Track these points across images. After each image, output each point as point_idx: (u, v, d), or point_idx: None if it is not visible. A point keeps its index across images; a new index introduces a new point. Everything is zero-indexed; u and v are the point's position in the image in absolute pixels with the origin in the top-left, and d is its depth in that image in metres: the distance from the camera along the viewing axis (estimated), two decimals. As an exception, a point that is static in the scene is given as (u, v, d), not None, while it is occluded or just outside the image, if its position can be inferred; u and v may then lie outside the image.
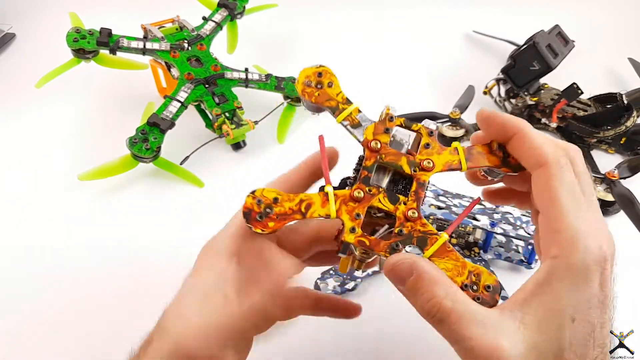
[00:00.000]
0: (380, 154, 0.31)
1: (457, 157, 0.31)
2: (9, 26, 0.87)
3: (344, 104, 0.32)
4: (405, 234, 0.29)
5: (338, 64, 0.84)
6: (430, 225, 0.29)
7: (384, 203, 0.30)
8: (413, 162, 0.31)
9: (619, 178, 0.57)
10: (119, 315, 0.47)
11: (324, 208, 0.29)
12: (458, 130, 0.67)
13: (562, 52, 0.68)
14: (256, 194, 0.29)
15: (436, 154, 0.31)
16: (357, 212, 0.29)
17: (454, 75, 0.81)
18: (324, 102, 0.32)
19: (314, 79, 0.32)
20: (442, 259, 0.28)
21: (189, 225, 0.57)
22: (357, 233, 0.29)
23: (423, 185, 0.30)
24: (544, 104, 0.69)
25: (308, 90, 0.32)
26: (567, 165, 0.27)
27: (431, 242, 0.29)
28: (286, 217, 0.29)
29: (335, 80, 0.32)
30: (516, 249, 0.53)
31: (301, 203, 0.30)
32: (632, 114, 0.63)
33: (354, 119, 0.32)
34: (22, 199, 0.60)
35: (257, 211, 0.29)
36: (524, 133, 0.29)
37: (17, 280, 0.51)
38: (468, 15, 0.95)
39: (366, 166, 0.31)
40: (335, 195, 0.30)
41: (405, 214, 0.29)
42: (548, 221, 0.27)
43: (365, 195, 0.30)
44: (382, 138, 0.31)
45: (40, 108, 0.73)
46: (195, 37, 0.69)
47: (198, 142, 0.64)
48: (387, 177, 0.31)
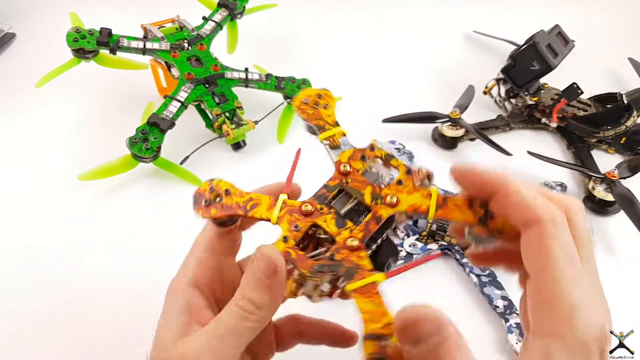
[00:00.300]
0: (347, 179, 0.30)
1: (428, 202, 0.28)
2: (9, 26, 0.88)
3: (330, 125, 0.32)
4: (336, 261, 0.27)
5: (338, 63, 0.85)
6: (367, 261, 0.27)
7: (328, 224, 0.29)
8: (377, 194, 0.29)
9: (619, 178, 0.57)
10: (119, 315, 0.47)
11: (267, 211, 0.29)
12: (458, 130, 0.67)
13: (562, 52, 0.68)
14: (213, 182, 0.30)
15: (406, 193, 0.29)
16: (297, 223, 0.29)
17: (454, 75, 0.81)
18: (312, 120, 0.32)
19: (313, 99, 0.32)
20: (364, 298, 0.26)
21: (189, 225, 0.57)
22: (289, 244, 0.28)
23: (378, 219, 0.28)
24: (544, 103, 0.69)
25: (303, 107, 0.32)
26: (563, 223, 0.23)
27: (359, 277, 0.27)
28: (229, 210, 0.29)
29: (332, 104, 0.32)
30: (516, 249, 0.53)
31: (249, 201, 0.30)
32: (632, 113, 0.63)
33: (335, 141, 0.31)
34: (22, 199, 0.60)
35: (206, 197, 0.30)
36: (510, 189, 0.25)
37: (17, 280, 0.51)
38: (468, 15, 0.95)
39: (327, 184, 0.30)
40: (284, 203, 0.29)
41: (345, 241, 0.28)
42: (540, 289, 0.23)
43: (314, 212, 0.29)
44: (355, 164, 0.30)
45: (40, 108, 0.73)
46: (195, 37, 0.69)
47: (198, 142, 0.64)
48: (349, 204, 0.29)
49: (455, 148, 0.68)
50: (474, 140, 0.69)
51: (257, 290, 0.26)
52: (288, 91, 0.69)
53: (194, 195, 0.30)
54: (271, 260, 0.26)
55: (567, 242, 0.23)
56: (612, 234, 0.57)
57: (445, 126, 0.67)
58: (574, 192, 0.62)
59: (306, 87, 0.70)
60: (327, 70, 0.81)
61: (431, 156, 0.67)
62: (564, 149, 0.69)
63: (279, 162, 0.65)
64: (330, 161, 0.31)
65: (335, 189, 0.30)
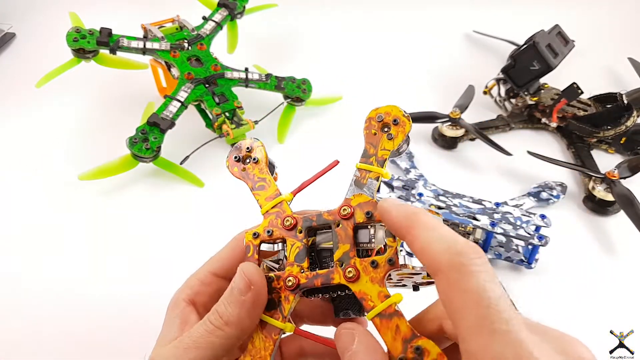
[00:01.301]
0: (339, 221, 0.28)
1: (378, 304, 0.25)
2: (9, 26, 0.87)
3: (377, 161, 0.29)
4: (271, 287, 0.28)
5: (338, 63, 0.85)
6: (290, 306, 0.27)
7: (291, 251, 0.28)
8: (348, 257, 0.27)
9: (619, 178, 0.57)
10: (118, 315, 0.47)
11: (265, 200, 0.30)
12: (458, 130, 0.67)
13: (562, 52, 0.68)
14: (255, 143, 0.31)
15: (369, 278, 0.26)
16: (272, 229, 0.29)
17: (454, 75, 0.81)
18: (367, 140, 0.29)
19: (389, 119, 0.30)
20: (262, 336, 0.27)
21: (189, 225, 0.57)
22: (255, 241, 0.29)
23: (327, 281, 0.27)
24: (544, 103, 0.69)
25: (374, 123, 0.29)
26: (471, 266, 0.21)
27: (275, 315, 0.27)
28: (245, 177, 0.31)
29: (399, 139, 0.29)
30: (516, 249, 0.53)
31: (261, 180, 0.30)
32: (632, 113, 0.63)
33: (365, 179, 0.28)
34: (22, 199, 0.60)
35: (241, 153, 0.31)
36: (414, 235, 0.23)
37: (17, 279, 0.51)
38: (468, 15, 0.95)
39: (321, 215, 0.28)
40: (280, 204, 0.29)
41: (288, 275, 0.28)
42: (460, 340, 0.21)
43: (292, 230, 0.29)
44: (358, 215, 0.28)
45: (41, 108, 0.73)
46: (195, 36, 0.69)
47: (198, 142, 0.64)
48: (327, 244, 0.28)
49: (455, 148, 0.68)
50: (474, 140, 0.69)
51: (228, 305, 0.26)
52: (288, 91, 0.69)
53: (235, 144, 0.32)
54: (248, 277, 0.27)
55: (472, 289, 0.21)
56: (612, 234, 0.57)
57: (445, 126, 0.67)
58: (574, 192, 0.62)
59: (307, 86, 0.70)
60: (327, 70, 0.81)
61: (431, 156, 0.67)
62: (564, 148, 0.69)
63: (279, 162, 0.64)
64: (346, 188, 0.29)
65: (324, 224, 0.28)
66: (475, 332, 0.20)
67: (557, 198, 0.60)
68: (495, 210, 0.54)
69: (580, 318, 0.49)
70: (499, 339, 0.19)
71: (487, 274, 0.21)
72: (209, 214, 0.58)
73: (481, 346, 0.20)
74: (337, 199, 0.29)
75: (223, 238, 0.32)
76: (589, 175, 0.61)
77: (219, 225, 0.38)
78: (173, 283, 0.32)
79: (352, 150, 0.33)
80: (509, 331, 0.19)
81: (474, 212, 0.53)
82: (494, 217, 0.53)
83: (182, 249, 0.54)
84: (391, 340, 0.24)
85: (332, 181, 0.34)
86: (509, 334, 0.19)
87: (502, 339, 0.19)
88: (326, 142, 0.68)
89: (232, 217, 0.50)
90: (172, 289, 0.31)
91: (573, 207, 0.60)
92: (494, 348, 0.19)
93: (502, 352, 0.19)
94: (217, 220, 0.57)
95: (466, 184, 0.62)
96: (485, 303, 0.20)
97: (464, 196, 0.56)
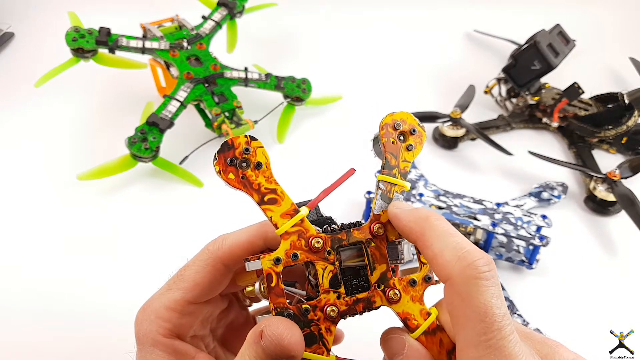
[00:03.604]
0: (371, 239, 0.26)
1: (421, 322, 0.25)
2: (8, 25, 0.87)
3: (399, 173, 0.27)
4: (306, 319, 0.25)
5: (338, 63, 0.84)
6: (332, 338, 0.25)
7: (324, 276, 0.25)
8: (386, 279, 0.26)
9: (621, 178, 0.57)
10: (118, 314, 0.47)
11: (280, 218, 0.25)
12: (459, 129, 0.66)
13: (563, 51, 0.68)
14: (253, 143, 0.25)
15: (410, 297, 0.26)
16: (297, 253, 0.25)
17: (454, 74, 0.81)
18: (386, 150, 0.27)
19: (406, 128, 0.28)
20: None
21: (188, 225, 0.57)
22: (277, 268, 0.25)
23: (369, 305, 0.25)
24: (545, 103, 0.69)
25: (390, 130, 0.27)
26: (481, 279, 0.21)
27: (315, 349, 0.25)
28: (246, 186, 0.25)
29: (418, 149, 0.28)
30: (517, 250, 0.53)
31: (271, 192, 0.25)
32: (634, 113, 0.63)
33: (391, 193, 0.27)
34: (20, 198, 0.59)
35: (235, 155, 0.25)
36: (425, 242, 0.23)
37: (16, 279, 0.51)
38: (469, 15, 0.95)
39: (351, 233, 0.26)
40: (300, 222, 0.25)
41: (327, 305, 0.25)
42: (457, 349, 0.22)
43: (321, 252, 0.25)
44: (391, 232, 0.26)
45: (39, 107, 0.72)
46: (195, 36, 0.68)
47: (197, 141, 0.64)
48: (355, 261, 0.26)
49: (455, 148, 0.68)
50: (474, 140, 0.69)
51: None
52: (288, 90, 0.69)
53: (223, 142, 0.25)
54: (285, 346, 0.22)
55: (478, 304, 0.21)
56: (613, 234, 0.57)
57: (445, 126, 0.67)
58: (575, 192, 0.62)
59: (307, 86, 0.70)
60: (327, 70, 0.81)
61: (432, 156, 0.67)
62: (565, 148, 0.69)
63: (278, 161, 0.64)
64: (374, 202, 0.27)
65: (355, 242, 0.26)
66: (473, 344, 0.21)
67: (558, 198, 0.59)
68: (496, 211, 0.54)
69: (581, 318, 0.49)
70: (493, 354, 0.20)
71: (495, 288, 0.21)
72: (208, 214, 0.58)
73: (475, 358, 0.21)
74: (338, 200, 0.29)
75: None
76: (590, 175, 0.60)
77: (218, 225, 0.38)
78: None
79: (352, 150, 0.33)
80: (504, 347, 0.20)
81: (474, 213, 0.53)
82: (495, 218, 0.52)
83: (182, 249, 0.53)
84: (437, 354, 0.25)
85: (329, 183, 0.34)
86: (504, 349, 0.20)
87: (497, 355, 0.20)
88: (326, 141, 0.68)
89: (231, 217, 0.49)
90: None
91: (574, 207, 0.60)
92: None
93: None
94: (217, 220, 0.56)
95: (467, 184, 0.61)
96: (489, 320, 0.21)
97: (465, 196, 0.56)
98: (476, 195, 0.57)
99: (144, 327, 0.27)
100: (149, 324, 0.27)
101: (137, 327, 0.27)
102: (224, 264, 0.28)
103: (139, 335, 0.27)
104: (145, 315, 0.27)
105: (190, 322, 0.28)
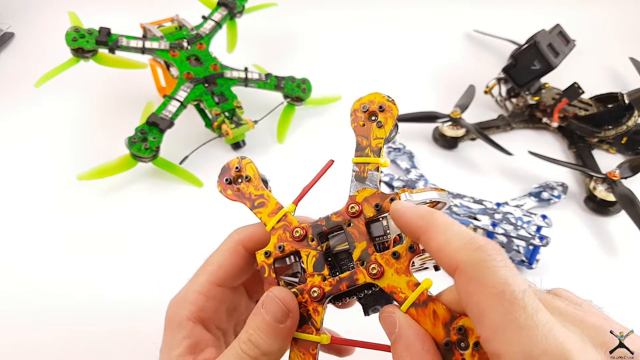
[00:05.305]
0: (349, 220, 0.27)
1: (409, 294, 0.24)
2: (8, 25, 0.87)
3: (372, 152, 0.28)
4: (300, 304, 0.27)
5: (338, 63, 0.84)
6: (320, 317, 0.26)
7: (308, 261, 0.27)
8: (367, 254, 0.26)
9: (621, 178, 0.57)
10: (118, 314, 0.47)
11: (268, 217, 0.29)
12: (459, 129, 0.66)
13: (563, 51, 0.68)
14: (242, 161, 0.31)
15: (394, 270, 0.25)
16: (283, 244, 0.28)
17: (454, 74, 0.81)
18: (358, 134, 0.29)
19: (374, 107, 0.29)
20: (298, 353, 0.26)
21: (189, 225, 0.57)
22: (268, 260, 0.28)
23: (352, 282, 0.26)
24: (545, 103, 0.69)
25: (359, 114, 0.29)
26: (492, 261, 0.20)
27: (307, 329, 0.26)
28: (242, 197, 0.30)
29: (389, 125, 0.29)
30: (517, 250, 0.53)
31: (259, 198, 0.29)
32: (634, 113, 0.63)
33: (365, 172, 0.28)
34: (21, 198, 0.59)
35: (231, 175, 0.30)
36: (430, 234, 0.23)
37: (16, 279, 0.51)
38: (469, 15, 0.95)
39: (329, 218, 0.27)
40: (284, 217, 0.28)
41: (312, 286, 0.27)
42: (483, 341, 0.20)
43: (304, 240, 0.28)
44: (367, 209, 0.27)
45: (39, 107, 0.72)
46: (195, 36, 0.68)
47: (197, 141, 0.64)
48: (343, 246, 0.27)
49: (455, 148, 0.68)
50: (474, 140, 0.69)
51: (265, 335, 0.25)
52: (287, 90, 0.69)
53: (223, 166, 0.31)
54: (285, 304, 0.25)
55: (494, 283, 0.20)
56: (613, 234, 0.57)
57: (445, 126, 0.67)
58: (575, 192, 0.62)
59: (306, 86, 0.70)
60: (327, 70, 0.81)
61: (432, 156, 0.67)
62: (565, 148, 0.69)
63: (278, 161, 0.64)
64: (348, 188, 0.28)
65: (334, 226, 0.27)
66: (501, 328, 0.19)
67: (558, 198, 0.59)
68: (496, 211, 0.54)
69: (582, 319, 0.49)
70: (526, 334, 0.18)
71: (509, 268, 0.20)
72: (208, 214, 0.58)
73: (508, 343, 0.18)
74: (339, 199, 0.29)
75: (223, 238, 0.32)
76: (590, 175, 0.60)
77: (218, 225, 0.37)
78: (172, 284, 0.31)
79: (352, 150, 0.33)
80: (536, 325, 0.18)
81: (474, 213, 0.53)
82: (495, 218, 0.52)
83: (182, 249, 0.53)
84: (431, 327, 0.23)
85: (331, 182, 0.34)
86: (537, 328, 0.18)
87: (531, 335, 0.18)
88: (326, 141, 0.68)
89: (231, 217, 0.49)
90: (171, 290, 0.31)
91: (574, 207, 0.60)
92: (522, 344, 0.18)
93: (530, 349, 0.18)
94: (217, 220, 0.56)
95: (467, 184, 0.61)
96: (508, 297, 0.19)
97: (465, 196, 0.56)
98: (476, 195, 0.57)
99: (172, 310, 0.29)
100: (177, 307, 0.29)
101: (167, 313, 0.29)
102: (244, 246, 0.30)
103: (167, 317, 0.29)
104: (175, 300, 0.29)
105: (215, 307, 0.29)
